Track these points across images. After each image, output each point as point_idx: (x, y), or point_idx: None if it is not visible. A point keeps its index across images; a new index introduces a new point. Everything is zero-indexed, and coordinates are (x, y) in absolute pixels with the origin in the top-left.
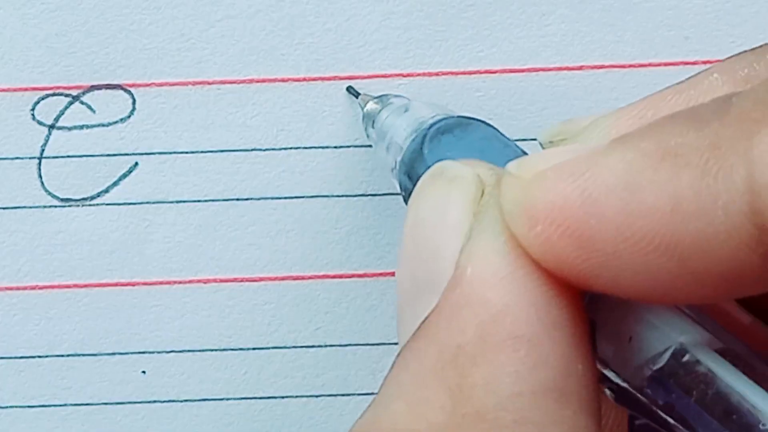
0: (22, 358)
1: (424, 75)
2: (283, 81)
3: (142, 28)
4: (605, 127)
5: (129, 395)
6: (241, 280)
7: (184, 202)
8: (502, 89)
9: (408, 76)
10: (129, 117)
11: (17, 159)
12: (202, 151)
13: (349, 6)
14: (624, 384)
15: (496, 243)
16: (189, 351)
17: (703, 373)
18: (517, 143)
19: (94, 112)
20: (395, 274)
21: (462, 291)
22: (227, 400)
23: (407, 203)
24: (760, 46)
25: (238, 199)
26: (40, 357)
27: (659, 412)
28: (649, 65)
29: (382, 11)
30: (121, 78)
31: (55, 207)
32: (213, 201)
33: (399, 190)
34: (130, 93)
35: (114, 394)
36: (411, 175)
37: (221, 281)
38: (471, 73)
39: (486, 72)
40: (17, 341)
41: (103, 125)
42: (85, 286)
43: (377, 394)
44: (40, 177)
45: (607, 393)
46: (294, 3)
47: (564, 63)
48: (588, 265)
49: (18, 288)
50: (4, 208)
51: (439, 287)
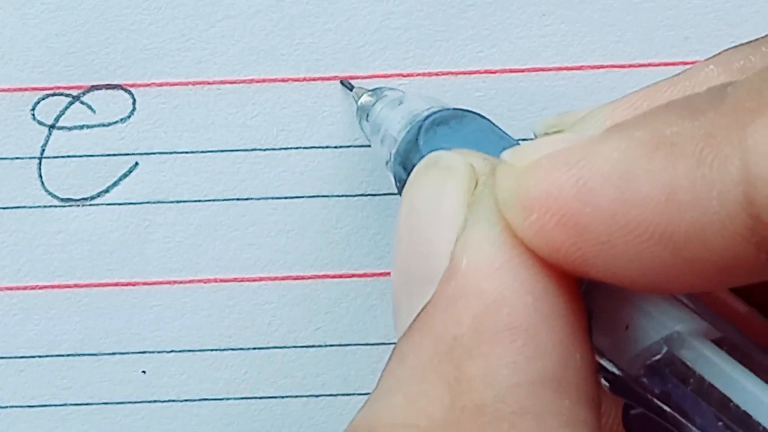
0: (22, 358)
1: (424, 75)
2: (283, 81)
3: (142, 28)
4: (600, 118)
5: (129, 395)
6: (241, 280)
7: (184, 202)
8: (502, 89)
9: (408, 76)
10: (129, 117)
11: (17, 159)
12: (202, 151)
13: (349, 6)
14: (620, 373)
15: (491, 233)
16: (189, 351)
17: (700, 362)
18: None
19: (94, 112)
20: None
21: (457, 282)
22: (227, 400)
23: (401, 194)
24: (755, 38)
25: (238, 199)
26: (40, 357)
27: (655, 401)
28: (649, 65)
29: (382, 11)
30: (121, 78)
31: (55, 207)
32: (213, 201)
33: (393, 182)
34: (130, 93)
35: (114, 394)
36: (406, 166)
37: (221, 281)
38: (471, 73)
39: (486, 72)
40: (17, 341)
41: (104, 125)
42: (85, 286)
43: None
44: (40, 177)
45: (603, 383)
46: (294, 3)
47: (564, 63)
48: (583, 254)
49: (18, 288)
50: (4, 208)
51: (435, 279)
